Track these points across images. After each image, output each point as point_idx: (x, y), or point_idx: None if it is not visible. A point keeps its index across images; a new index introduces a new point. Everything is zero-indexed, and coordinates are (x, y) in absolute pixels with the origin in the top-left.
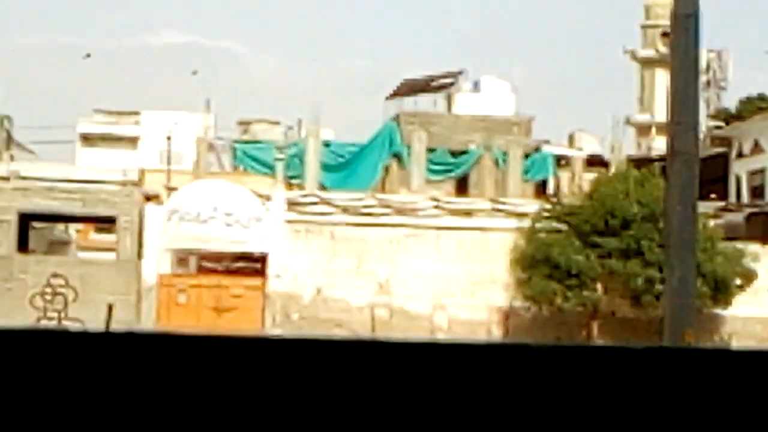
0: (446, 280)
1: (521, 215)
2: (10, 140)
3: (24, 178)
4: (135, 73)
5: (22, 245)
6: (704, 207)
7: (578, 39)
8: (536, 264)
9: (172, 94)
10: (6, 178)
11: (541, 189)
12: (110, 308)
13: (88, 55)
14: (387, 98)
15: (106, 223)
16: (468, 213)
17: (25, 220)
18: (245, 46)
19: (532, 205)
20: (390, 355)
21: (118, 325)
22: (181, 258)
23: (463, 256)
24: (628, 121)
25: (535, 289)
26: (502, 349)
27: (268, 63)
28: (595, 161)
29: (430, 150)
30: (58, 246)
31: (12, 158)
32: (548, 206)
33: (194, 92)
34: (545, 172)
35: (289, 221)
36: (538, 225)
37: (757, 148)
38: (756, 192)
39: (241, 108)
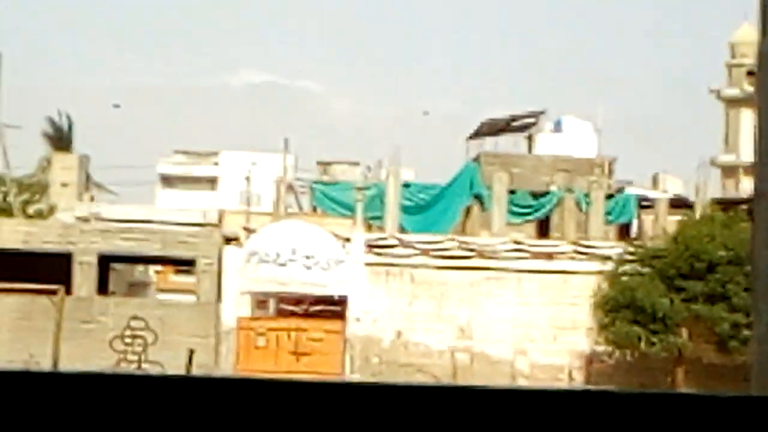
0: (527, 324)
1: (604, 258)
2: (89, 181)
3: (104, 219)
4: (214, 112)
5: (102, 287)
6: None
7: (662, 79)
8: (619, 308)
9: (251, 133)
10: (86, 220)
11: (624, 231)
12: (191, 353)
13: (117, 106)
14: (468, 138)
15: (185, 265)
16: (549, 255)
17: (105, 261)
18: (324, 86)
19: (615, 248)
20: (472, 401)
21: (197, 368)
22: (260, 300)
23: (545, 300)
24: (713, 162)
25: (619, 334)
26: (585, 396)
27: (347, 102)
28: (679, 203)
29: (511, 191)
30: (138, 288)
31: (92, 199)
32: (631, 249)
33: (273, 132)
34: (628, 214)
35: (369, 264)
36: (621, 268)
37: None
38: None
39: (320, 148)
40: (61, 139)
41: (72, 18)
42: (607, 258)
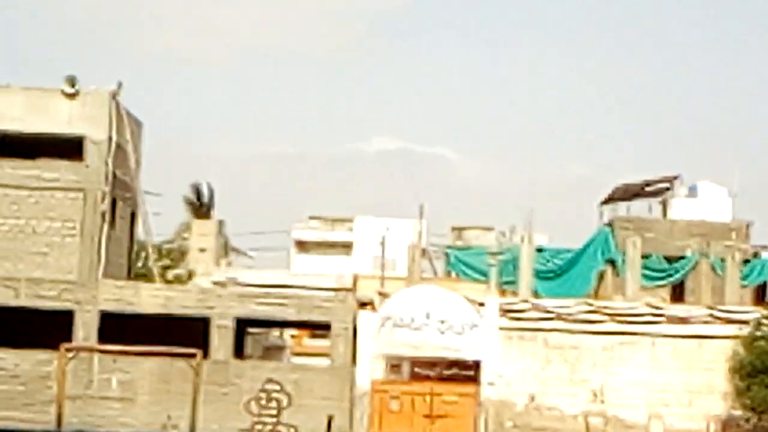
0: (662, 388)
1: (740, 322)
2: (227, 246)
3: (241, 284)
4: (348, 179)
5: (239, 350)
6: None
7: None
8: (756, 373)
9: (385, 199)
10: (223, 284)
11: (760, 296)
12: (330, 419)
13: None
14: (601, 203)
15: (320, 328)
16: (684, 320)
17: (242, 325)
18: (456, 151)
19: (751, 312)
20: None
21: None
22: (394, 364)
23: (680, 364)
24: None
25: (756, 399)
26: None
27: (480, 167)
28: None
29: (645, 256)
30: (274, 351)
31: (229, 264)
32: None
33: (406, 197)
34: (764, 278)
35: (503, 328)
36: (758, 332)
37: None
38: None
39: (454, 213)
40: (201, 206)
41: (210, 88)
42: (743, 322)
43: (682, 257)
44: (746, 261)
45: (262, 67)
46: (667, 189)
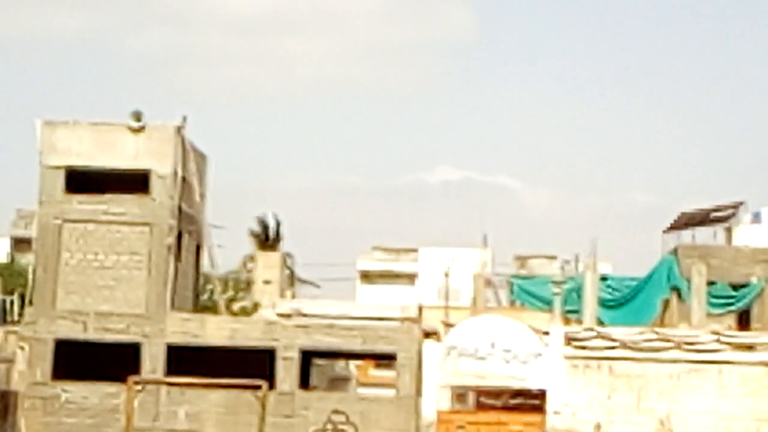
0: (729, 416)
1: None
2: (293, 277)
3: (306, 314)
4: (412, 209)
5: (304, 382)
6: None
7: None
8: None
9: (449, 229)
10: (288, 316)
11: None
12: None
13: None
14: (665, 231)
15: (385, 359)
16: (751, 347)
17: (307, 356)
18: (519, 180)
19: None
20: None
21: None
22: (459, 394)
23: (747, 392)
24: None
25: None
26: None
27: (543, 196)
28: None
29: (710, 283)
30: (339, 382)
31: (293, 295)
32: None
33: (470, 227)
34: None
35: (568, 357)
36: None
37: None
38: None
39: (517, 242)
40: (267, 239)
41: (276, 120)
42: None
43: (748, 284)
44: None
45: (327, 99)
46: (732, 216)
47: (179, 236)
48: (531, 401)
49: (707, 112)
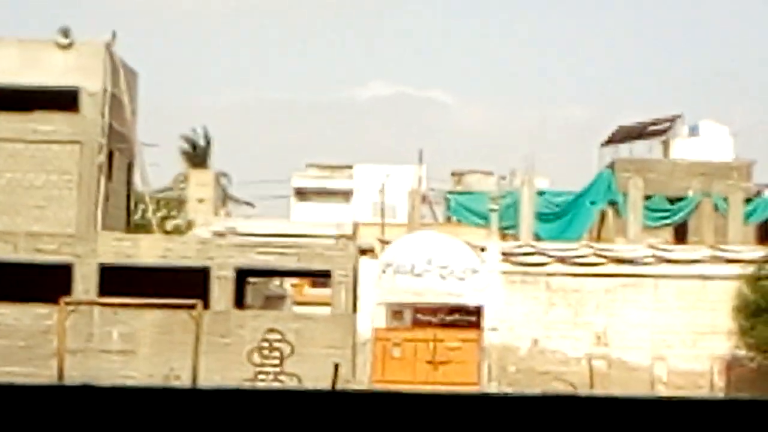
0: (665, 330)
1: (743, 262)
2: (226, 197)
3: (240, 233)
4: (345, 126)
5: (239, 301)
6: None
7: None
8: (761, 312)
9: (383, 146)
10: (223, 235)
11: (763, 234)
12: (336, 367)
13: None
14: (602, 145)
15: (321, 277)
16: (687, 261)
17: (242, 275)
18: (454, 95)
19: (755, 252)
20: (610, 411)
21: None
22: (396, 311)
23: (683, 305)
24: None
25: (760, 338)
26: (728, 405)
27: (479, 112)
28: None
29: (647, 197)
30: (274, 301)
31: (228, 214)
32: None
33: (405, 143)
34: (767, 216)
35: (505, 272)
36: (762, 271)
37: None
38: None
39: (453, 158)
40: (197, 156)
41: (205, 36)
42: (746, 262)
43: (684, 197)
44: (748, 200)
45: (257, 14)
46: (669, 129)
47: (110, 155)
48: (468, 317)
49: (644, 24)
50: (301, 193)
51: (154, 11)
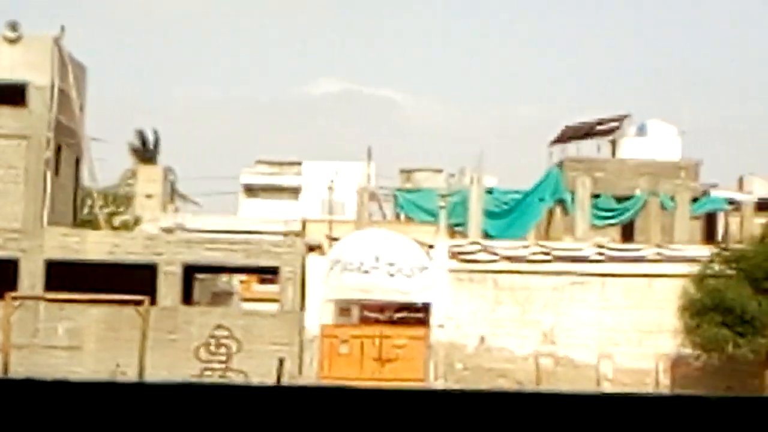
0: (612, 328)
1: (689, 261)
2: (174, 192)
3: (188, 230)
4: (295, 123)
5: (187, 297)
6: None
7: (746, 80)
8: (706, 310)
9: (332, 143)
10: (171, 231)
11: (709, 234)
12: (281, 362)
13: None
14: (550, 144)
15: (269, 274)
16: (634, 259)
17: (190, 271)
18: (404, 93)
19: (700, 251)
20: (557, 406)
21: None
22: (344, 308)
23: (630, 304)
24: None
25: (706, 337)
26: (673, 401)
27: (428, 110)
28: (765, 205)
29: (595, 196)
30: (222, 297)
31: (176, 210)
32: (718, 251)
33: (354, 141)
34: (710, 208)
35: (453, 270)
36: (707, 270)
37: None
38: None
39: (403, 156)
40: (147, 152)
41: (156, 31)
42: (693, 261)
43: (632, 197)
44: (695, 199)
45: (206, 11)
46: (617, 129)
47: (58, 150)
48: (415, 315)
49: (595, 25)
50: (250, 190)
51: (103, 6)
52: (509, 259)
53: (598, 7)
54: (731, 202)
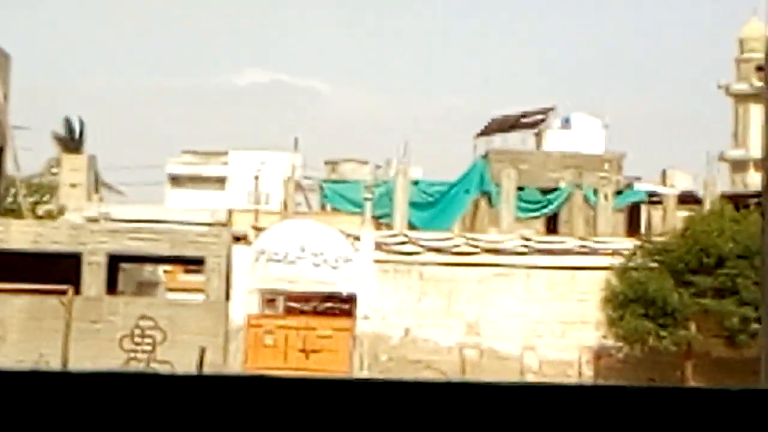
0: (536, 319)
1: (612, 253)
2: (98, 182)
3: (113, 219)
4: (221, 112)
5: (111, 287)
6: None
7: (670, 74)
8: (629, 303)
9: (259, 133)
10: (95, 220)
11: (633, 227)
12: (203, 351)
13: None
14: (476, 136)
15: (194, 264)
16: (558, 252)
17: (114, 261)
18: (330, 84)
19: (624, 243)
20: (481, 397)
21: (206, 367)
22: (269, 299)
23: (553, 296)
24: (721, 157)
25: (628, 329)
26: (594, 392)
27: (355, 101)
28: (688, 198)
29: (520, 188)
30: (147, 287)
31: (101, 200)
32: (641, 244)
33: (281, 131)
34: (633, 199)
35: (378, 261)
36: (630, 263)
37: None
38: None
39: (329, 146)
40: (72, 141)
41: (80, 19)
42: (616, 253)
43: (556, 189)
44: (619, 192)
45: None
46: (542, 121)
47: None
48: (341, 306)
49: (519, 18)
50: (176, 180)
51: None
52: (434, 250)
53: (524, 1)
54: (654, 195)
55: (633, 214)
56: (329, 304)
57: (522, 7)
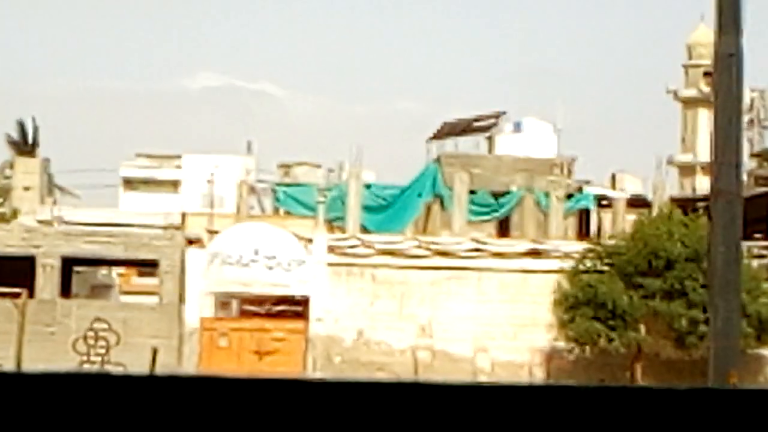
0: (488, 322)
1: (563, 256)
2: (52, 185)
3: (67, 222)
4: (175, 116)
5: (65, 289)
6: (748, 247)
7: (620, 79)
8: (579, 305)
9: (212, 136)
10: (49, 223)
11: (583, 230)
12: (155, 352)
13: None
14: (428, 140)
15: (148, 267)
16: (509, 255)
17: (68, 264)
18: (283, 88)
19: (574, 246)
20: (434, 397)
21: (160, 369)
22: (223, 301)
23: (505, 298)
24: (670, 162)
25: (579, 331)
26: (546, 391)
27: (308, 105)
28: (637, 202)
29: (472, 191)
30: (101, 290)
31: (54, 203)
32: (591, 247)
33: (234, 135)
34: (583, 205)
35: (331, 264)
36: (581, 266)
37: None
38: None
39: (282, 150)
40: (25, 144)
41: (32, 21)
42: (567, 256)
43: (508, 192)
44: (570, 195)
45: (85, 1)
46: (494, 125)
47: None
48: (294, 308)
49: (472, 23)
50: (129, 183)
51: None
52: (387, 253)
53: (476, 5)
54: (604, 198)
55: (583, 218)
56: (283, 307)
57: (473, 12)
